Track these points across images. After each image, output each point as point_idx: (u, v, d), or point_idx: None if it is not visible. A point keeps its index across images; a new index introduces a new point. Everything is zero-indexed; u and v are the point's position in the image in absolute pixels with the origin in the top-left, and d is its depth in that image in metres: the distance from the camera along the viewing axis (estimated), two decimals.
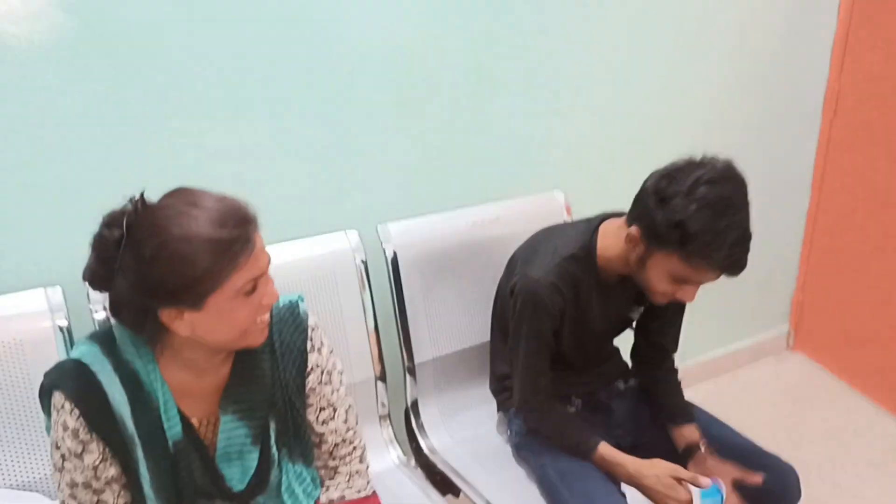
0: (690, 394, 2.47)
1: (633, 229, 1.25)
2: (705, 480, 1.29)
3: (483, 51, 1.68)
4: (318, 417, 1.10)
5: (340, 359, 1.15)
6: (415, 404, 1.66)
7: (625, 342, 1.63)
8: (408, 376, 1.64)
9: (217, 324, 0.91)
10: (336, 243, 1.54)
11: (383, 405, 1.61)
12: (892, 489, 2.08)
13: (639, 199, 1.25)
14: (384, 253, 1.57)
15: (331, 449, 1.13)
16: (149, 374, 0.96)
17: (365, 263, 1.55)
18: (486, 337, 1.61)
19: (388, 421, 1.62)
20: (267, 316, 0.99)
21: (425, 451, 1.61)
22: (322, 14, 1.47)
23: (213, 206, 0.88)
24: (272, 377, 1.05)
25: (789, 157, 2.42)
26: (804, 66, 2.30)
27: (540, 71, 1.77)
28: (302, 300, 1.10)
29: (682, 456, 1.43)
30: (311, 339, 1.08)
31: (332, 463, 1.15)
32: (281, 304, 1.07)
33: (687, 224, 1.14)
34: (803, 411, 2.44)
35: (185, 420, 1.00)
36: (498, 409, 1.63)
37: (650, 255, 1.24)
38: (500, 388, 1.60)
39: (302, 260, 1.50)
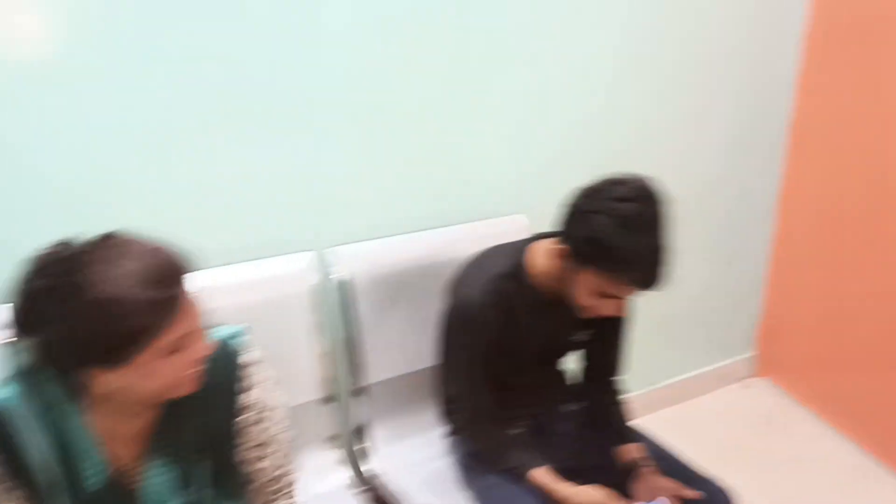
0: (655, 419, 2.50)
1: (559, 246, 1.28)
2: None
3: (444, 75, 1.69)
4: (251, 456, 1.08)
5: (283, 391, 1.13)
6: (361, 427, 1.66)
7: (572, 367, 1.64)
8: (357, 398, 1.64)
9: (142, 380, 0.90)
10: (290, 266, 1.55)
11: (330, 427, 1.61)
12: None
13: (564, 217, 1.28)
14: (333, 275, 1.58)
15: (263, 486, 1.11)
16: (72, 419, 0.95)
17: (318, 286, 1.55)
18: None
19: (334, 443, 1.62)
20: (198, 369, 0.96)
21: (371, 473, 1.61)
22: (281, 37, 1.48)
23: (143, 262, 0.86)
24: (202, 419, 1.03)
25: (753, 182, 2.44)
26: (767, 94, 2.32)
27: (501, 95, 1.79)
28: (240, 335, 1.08)
29: (624, 473, 1.44)
30: (247, 377, 1.06)
31: (262, 500, 1.13)
32: (216, 341, 1.05)
33: (603, 240, 1.17)
34: (766, 437, 2.44)
35: (110, 465, 0.98)
36: (447, 433, 1.64)
37: (575, 271, 1.27)
38: (448, 412, 1.60)
39: (254, 282, 1.51)
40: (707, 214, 2.37)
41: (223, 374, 1.04)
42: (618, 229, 1.16)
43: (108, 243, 0.88)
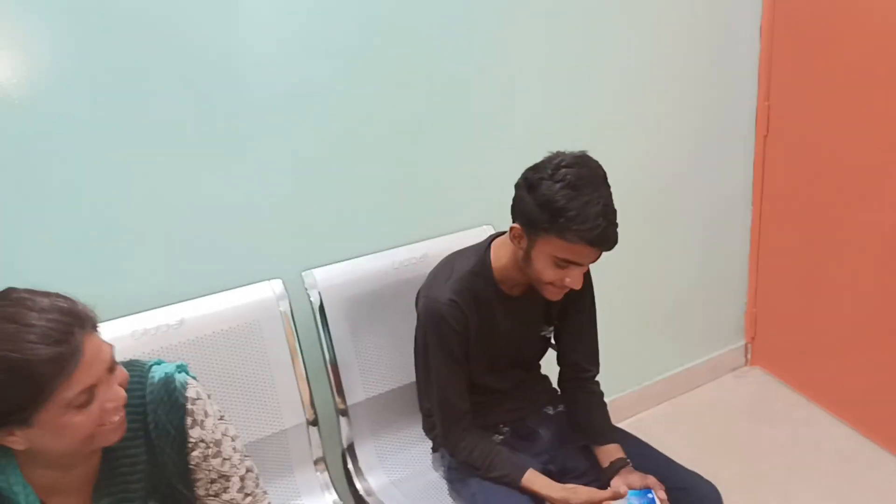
0: (650, 415, 2.52)
1: (515, 225, 1.34)
2: (623, 489, 1.33)
3: (407, 92, 1.73)
4: (209, 491, 1.08)
5: (234, 424, 1.12)
6: (350, 447, 1.67)
7: (555, 370, 1.66)
8: (341, 419, 1.66)
9: (53, 438, 0.88)
10: (260, 293, 1.58)
11: (317, 449, 1.63)
12: (849, 500, 2.09)
13: (514, 196, 1.34)
14: (309, 299, 1.61)
15: None
16: (8, 477, 0.93)
17: (290, 311, 1.57)
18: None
19: (323, 465, 1.64)
20: (119, 416, 0.94)
21: (361, 493, 1.62)
22: (234, 55, 1.50)
23: (32, 321, 0.84)
24: (149, 462, 1.02)
25: (727, 175, 2.47)
26: (732, 89, 2.36)
27: (464, 109, 1.83)
28: (180, 371, 1.07)
29: (607, 472, 1.46)
30: (192, 415, 1.04)
31: None
32: (156, 381, 1.03)
33: (554, 201, 1.23)
34: (761, 425, 2.45)
35: None
36: (433, 448, 1.65)
37: (532, 246, 1.31)
38: (431, 426, 1.62)
39: (225, 312, 1.53)
40: (686, 209, 2.40)
41: (166, 412, 1.02)
42: (563, 190, 1.23)
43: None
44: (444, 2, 1.71)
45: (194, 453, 1.05)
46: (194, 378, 1.10)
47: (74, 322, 0.87)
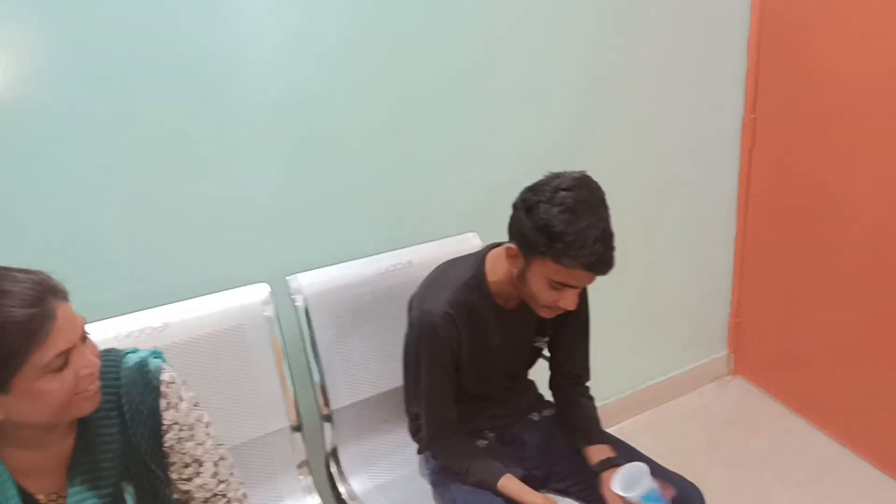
0: (633, 423, 2.54)
1: (511, 245, 1.34)
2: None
3: (391, 98, 1.74)
4: (182, 475, 1.10)
5: (208, 412, 1.14)
6: (334, 451, 1.68)
7: (541, 376, 1.67)
8: (325, 424, 1.67)
9: (30, 405, 0.91)
10: (245, 297, 1.58)
11: (301, 454, 1.63)
12: None
13: (512, 216, 1.34)
14: (294, 303, 1.61)
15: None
16: None
17: (276, 316, 1.58)
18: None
19: (306, 469, 1.64)
20: (94, 385, 0.98)
21: (345, 497, 1.63)
22: (217, 59, 1.50)
23: (7, 288, 0.88)
24: (123, 442, 1.04)
25: (712, 187, 2.50)
26: (718, 101, 2.39)
27: (451, 116, 1.84)
28: (156, 356, 1.10)
29: (596, 471, 1.47)
30: (166, 397, 1.07)
31: None
32: (130, 364, 1.06)
33: (551, 226, 1.23)
34: (742, 434, 2.47)
35: (29, 498, 0.99)
36: (418, 451, 1.66)
37: (528, 267, 1.31)
38: (417, 429, 1.63)
39: (210, 315, 1.53)
40: (671, 220, 2.43)
41: (140, 393, 1.05)
42: (561, 214, 1.23)
43: None
44: (430, 8, 1.72)
45: (168, 435, 1.07)
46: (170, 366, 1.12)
47: (47, 290, 0.91)
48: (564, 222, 1.22)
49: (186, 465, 1.10)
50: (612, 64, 2.09)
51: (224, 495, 1.14)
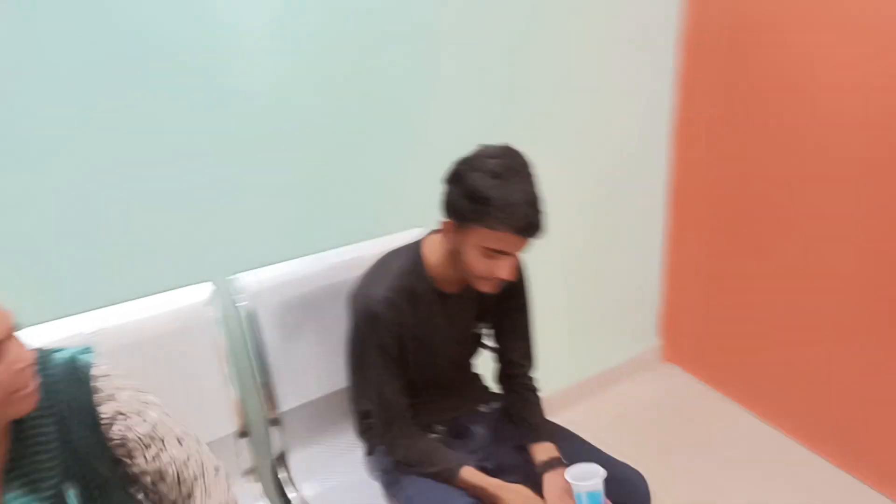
0: (569, 414, 2.57)
1: (445, 220, 1.34)
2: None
3: (337, 95, 1.70)
4: (146, 457, 1.05)
5: (154, 394, 1.09)
6: (281, 456, 1.63)
7: (489, 368, 1.67)
8: (272, 428, 1.61)
9: None
10: (187, 299, 1.51)
11: (248, 460, 1.57)
12: (761, 488, 2.21)
13: (443, 191, 1.34)
14: (237, 304, 1.55)
15: (177, 480, 1.07)
16: None
17: (219, 317, 1.52)
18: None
19: (254, 475, 1.58)
20: (32, 382, 0.93)
21: (294, 503, 1.58)
22: (161, 52, 1.44)
23: None
24: (61, 441, 0.98)
25: (643, 181, 2.58)
26: (648, 98, 2.46)
27: (394, 113, 1.82)
28: (84, 352, 1.05)
29: (540, 471, 1.47)
30: (100, 391, 1.02)
31: (186, 490, 1.08)
32: (59, 362, 1.01)
33: (480, 191, 1.25)
34: (677, 420, 2.56)
35: None
36: (366, 451, 1.63)
37: (462, 239, 1.33)
38: (365, 428, 1.60)
39: (151, 318, 1.45)
40: (603, 214, 2.48)
41: (73, 390, 1.00)
42: (491, 180, 1.25)
43: None
44: (370, 4, 1.70)
45: (114, 428, 1.02)
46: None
47: None
48: (493, 187, 1.24)
49: (147, 447, 1.04)
50: (541, 64, 2.11)
51: (202, 464, 1.09)
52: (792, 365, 2.36)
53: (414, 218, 1.87)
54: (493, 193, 1.24)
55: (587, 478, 1.35)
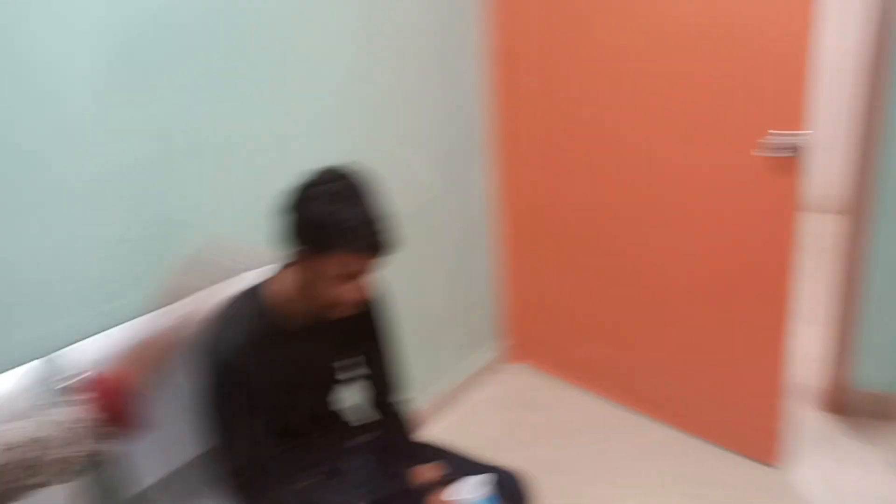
0: (432, 425, 2.58)
1: (291, 254, 1.30)
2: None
3: (153, 116, 1.60)
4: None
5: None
6: None
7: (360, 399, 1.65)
8: None
9: None
10: (16, 381, 1.33)
11: None
12: (613, 459, 2.38)
13: (284, 225, 1.30)
14: (67, 383, 1.39)
15: None
16: None
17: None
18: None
19: None
20: None
21: None
22: None
23: None
24: None
25: (467, 188, 2.68)
26: (464, 111, 2.57)
27: (207, 134, 1.74)
28: None
29: (422, 495, 1.47)
30: None
31: None
32: None
33: (321, 218, 1.22)
34: (535, 414, 2.69)
35: None
36: None
37: (312, 269, 1.29)
38: (237, 486, 1.50)
39: None
40: (433, 227, 2.54)
41: None
42: (331, 205, 1.22)
43: None
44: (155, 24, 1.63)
45: None
46: None
47: None
48: (336, 211, 1.22)
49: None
50: (370, 74, 2.14)
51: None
52: (631, 350, 2.57)
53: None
54: (337, 216, 1.21)
55: (475, 490, 1.37)
